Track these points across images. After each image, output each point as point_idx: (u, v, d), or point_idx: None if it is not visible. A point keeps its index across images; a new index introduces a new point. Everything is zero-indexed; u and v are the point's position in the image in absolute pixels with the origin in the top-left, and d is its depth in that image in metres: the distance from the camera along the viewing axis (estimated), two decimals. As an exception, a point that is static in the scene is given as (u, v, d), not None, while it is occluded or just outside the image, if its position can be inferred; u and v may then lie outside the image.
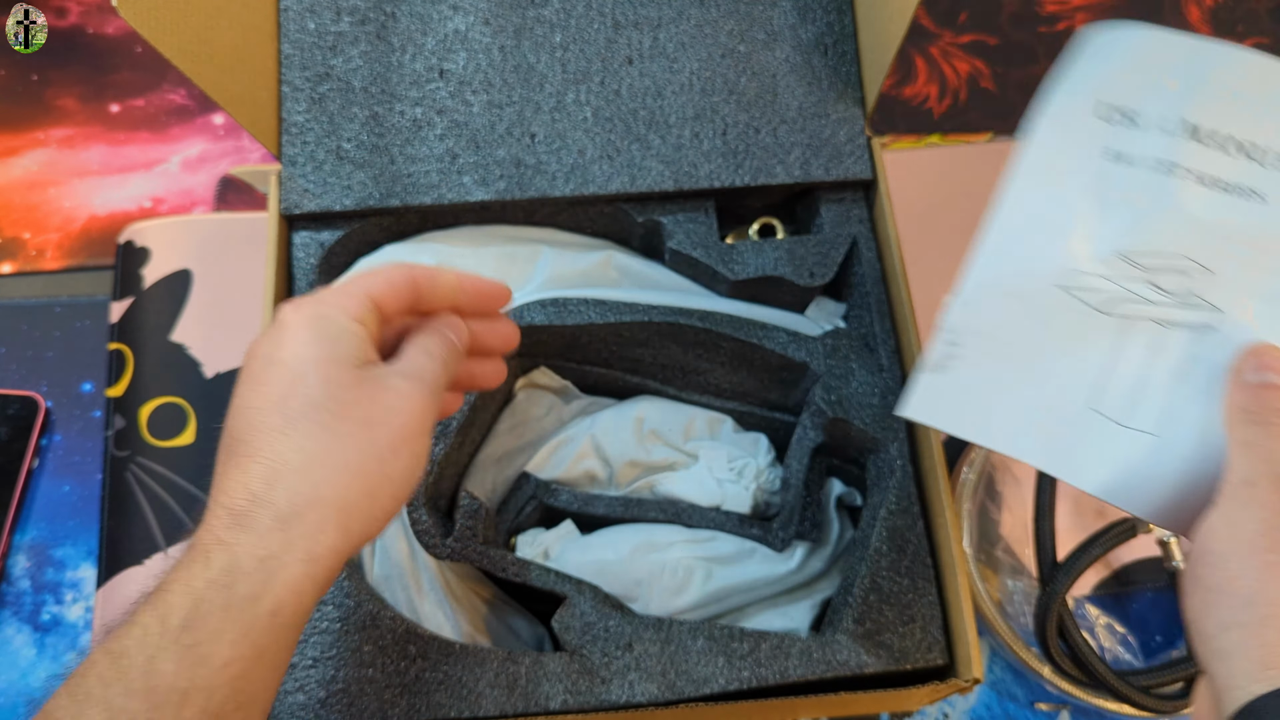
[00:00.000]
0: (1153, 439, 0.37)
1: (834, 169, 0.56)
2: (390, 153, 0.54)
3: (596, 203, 0.56)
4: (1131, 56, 0.37)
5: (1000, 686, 0.59)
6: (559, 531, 0.53)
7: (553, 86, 0.56)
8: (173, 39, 0.46)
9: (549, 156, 0.55)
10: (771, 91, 0.57)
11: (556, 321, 0.52)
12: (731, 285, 0.55)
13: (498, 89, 0.56)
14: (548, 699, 0.45)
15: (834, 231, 0.56)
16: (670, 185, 0.55)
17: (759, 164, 0.56)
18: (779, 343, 0.53)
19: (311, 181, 0.54)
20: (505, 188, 0.55)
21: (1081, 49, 0.37)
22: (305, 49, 0.55)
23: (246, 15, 0.52)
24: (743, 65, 0.57)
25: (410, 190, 0.54)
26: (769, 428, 0.58)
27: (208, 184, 0.71)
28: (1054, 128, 0.38)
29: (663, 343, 0.55)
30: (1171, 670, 0.54)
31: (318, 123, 0.54)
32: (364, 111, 0.55)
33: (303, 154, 0.54)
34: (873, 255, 0.56)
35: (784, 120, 0.57)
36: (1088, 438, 0.38)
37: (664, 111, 0.56)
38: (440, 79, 0.55)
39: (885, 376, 0.53)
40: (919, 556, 0.49)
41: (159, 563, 0.60)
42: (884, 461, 0.51)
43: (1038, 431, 0.38)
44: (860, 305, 0.56)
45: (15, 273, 0.68)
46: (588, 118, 0.56)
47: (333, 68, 0.55)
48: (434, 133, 0.55)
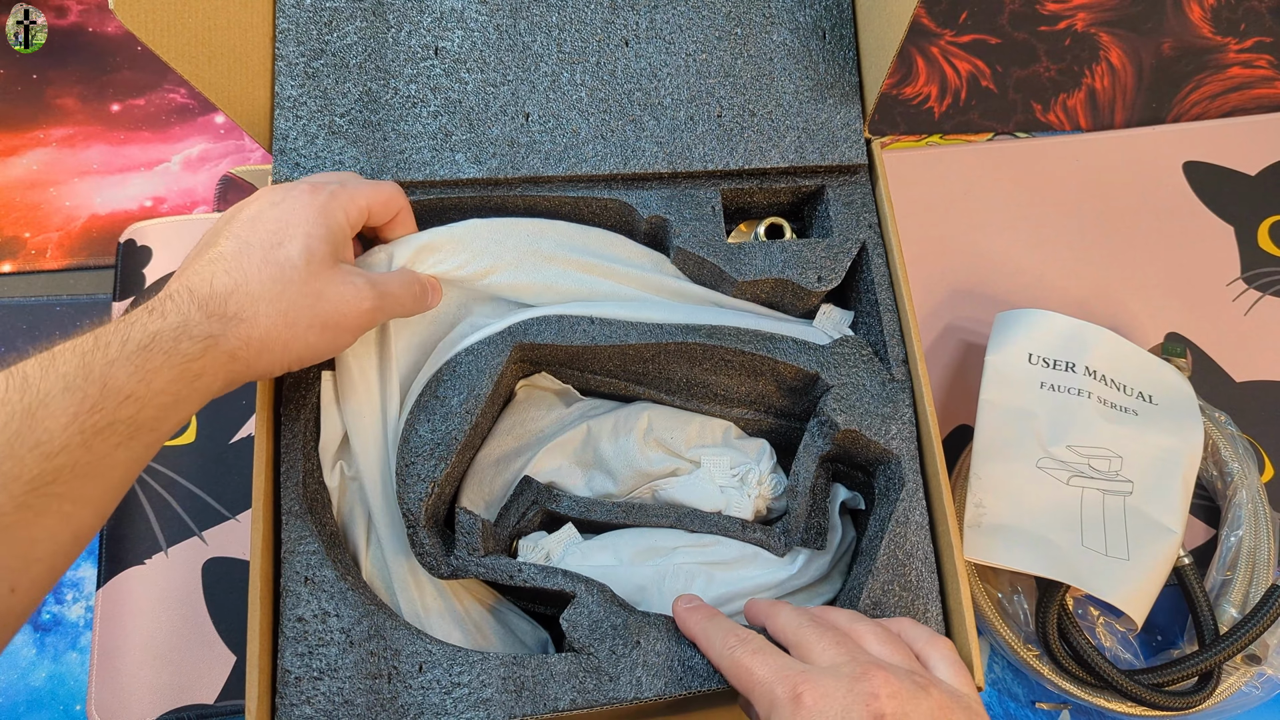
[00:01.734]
0: (1125, 561, 0.54)
1: (829, 154, 0.56)
2: (384, 129, 0.54)
3: (591, 183, 0.55)
4: (1046, 326, 0.60)
5: (1001, 686, 0.59)
6: (560, 535, 0.53)
7: (548, 66, 0.56)
8: (170, 41, 0.47)
9: (543, 136, 0.55)
10: (768, 75, 0.57)
11: (560, 341, 0.52)
12: (737, 287, 0.55)
13: (493, 68, 0.56)
14: (556, 699, 0.45)
15: (843, 235, 0.55)
16: (664, 167, 0.55)
17: (754, 147, 0.56)
18: (788, 354, 0.53)
19: (304, 155, 0.54)
20: (498, 165, 0.54)
21: (1010, 321, 0.60)
22: (301, 24, 0.55)
23: (244, 15, 0.52)
24: (739, 48, 0.57)
25: (403, 166, 0.54)
26: (774, 433, 0.58)
27: (209, 183, 0.71)
28: (1002, 367, 0.59)
29: (669, 360, 0.54)
30: (1179, 667, 0.54)
31: (311, 97, 0.54)
32: (358, 88, 0.55)
33: (295, 128, 0.54)
34: (881, 260, 0.55)
35: (779, 104, 0.56)
36: (1084, 561, 0.54)
37: (659, 93, 0.56)
38: (435, 56, 0.55)
39: (895, 387, 0.52)
40: (924, 569, 0.49)
41: (160, 562, 0.60)
42: (893, 473, 0.51)
43: (1052, 558, 0.54)
44: (869, 313, 0.55)
45: (16, 272, 0.68)
46: (582, 98, 0.56)
47: (328, 43, 0.55)
48: (428, 110, 0.55)
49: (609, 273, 0.54)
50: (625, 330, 0.52)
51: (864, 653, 0.41)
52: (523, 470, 0.54)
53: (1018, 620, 0.57)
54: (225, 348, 0.40)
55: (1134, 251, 0.71)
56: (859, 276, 0.56)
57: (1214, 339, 0.68)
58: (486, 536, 0.50)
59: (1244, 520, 0.58)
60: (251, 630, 0.44)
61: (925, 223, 0.71)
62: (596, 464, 0.55)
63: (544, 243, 0.53)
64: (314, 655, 0.46)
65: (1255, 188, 0.73)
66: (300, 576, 0.47)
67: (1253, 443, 0.64)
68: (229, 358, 0.41)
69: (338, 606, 0.47)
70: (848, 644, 0.41)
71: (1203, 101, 0.76)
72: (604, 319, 0.52)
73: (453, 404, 0.50)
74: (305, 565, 0.47)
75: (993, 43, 0.78)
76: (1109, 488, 0.56)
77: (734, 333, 0.53)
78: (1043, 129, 0.75)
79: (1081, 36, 0.79)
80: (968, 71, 0.77)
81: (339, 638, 0.46)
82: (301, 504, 0.48)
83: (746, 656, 0.41)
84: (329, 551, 0.48)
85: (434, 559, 0.48)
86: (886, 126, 0.75)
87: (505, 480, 0.54)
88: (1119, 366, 0.59)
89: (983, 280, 0.69)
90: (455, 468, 0.50)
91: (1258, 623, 0.53)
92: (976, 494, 0.55)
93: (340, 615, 0.47)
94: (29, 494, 0.34)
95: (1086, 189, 0.73)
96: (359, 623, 0.46)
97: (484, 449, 0.55)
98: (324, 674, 0.46)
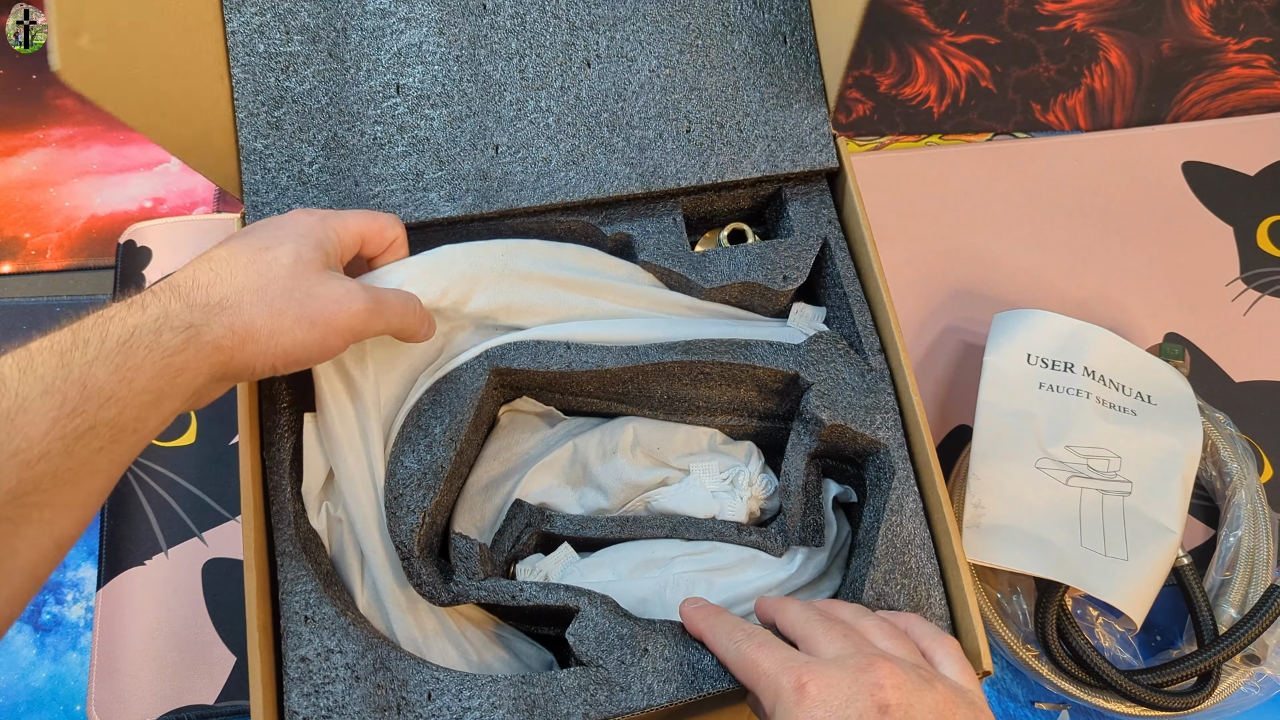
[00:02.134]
0: (1124, 562, 0.55)
1: (800, 160, 0.56)
2: (354, 174, 0.53)
3: (566, 211, 0.55)
4: (1045, 327, 0.60)
5: (1000, 685, 0.59)
6: (557, 556, 0.53)
7: (512, 95, 0.55)
8: (119, 96, 0.44)
9: (515, 166, 0.54)
10: (733, 85, 0.56)
11: (538, 367, 0.52)
12: (705, 294, 0.55)
13: (457, 101, 0.55)
14: (569, 715, 0.45)
15: (804, 234, 0.56)
16: (638, 188, 0.55)
17: (725, 160, 0.56)
18: (764, 358, 0.53)
19: (275, 209, 0.52)
20: (473, 202, 0.54)
21: (1008, 321, 0.60)
22: (257, 73, 0.53)
23: (194, 58, 0.51)
24: (701, 60, 0.57)
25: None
26: (761, 436, 0.58)
27: (208, 184, 0.71)
28: (1001, 368, 0.59)
29: (648, 380, 0.54)
30: (1179, 667, 0.54)
31: (277, 148, 0.53)
32: (323, 133, 0.53)
33: (264, 181, 0.53)
34: (845, 254, 0.55)
35: (747, 114, 0.56)
36: (1083, 561, 0.54)
37: (626, 113, 0.56)
38: (398, 94, 0.54)
39: (874, 376, 0.53)
40: (923, 555, 0.49)
41: (160, 563, 0.60)
42: (882, 462, 0.51)
43: (1052, 559, 0.54)
44: (839, 306, 0.56)
45: (15, 272, 0.68)
46: (550, 125, 0.55)
47: (288, 90, 0.53)
48: (396, 150, 0.54)
49: (586, 286, 0.54)
50: (601, 355, 0.52)
51: (870, 645, 0.41)
52: (513, 493, 0.54)
53: (1017, 620, 0.57)
54: (208, 338, 0.39)
55: (1133, 252, 0.71)
56: (825, 272, 0.56)
57: (1213, 339, 0.68)
58: (484, 560, 0.50)
59: (1243, 520, 0.58)
60: (253, 674, 0.44)
61: (925, 223, 0.71)
62: (586, 480, 0.55)
63: (519, 261, 0.52)
64: (320, 694, 0.45)
65: (1254, 188, 0.73)
66: (300, 616, 0.47)
67: (1252, 443, 0.64)
68: (213, 348, 0.39)
69: (340, 642, 0.46)
70: (854, 637, 0.41)
71: (1202, 102, 0.76)
72: (580, 343, 0.52)
73: (435, 433, 0.50)
74: (304, 604, 0.47)
75: (992, 43, 0.78)
76: (1108, 488, 0.56)
77: (709, 345, 0.53)
78: (1042, 129, 0.75)
79: (1081, 37, 0.79)
80: (967, 72, 0.77)
81: (344, 674, 0.46)
82: (295, 544, 0.48)
83: (752, 650, 0.41)
84: (326, 589, 0.47)
85: (433, 588, 0.48)
86: (885, 126, 0.75)
87: (496, 505, 0.54)
88: (1118, 366, 0.59)
89: (982, 280, 0.69)
90: (445, 496, 0.50)
91: (1257, 623, 0.53)
92: (976, 494, 0.55)
93: (344, 651, 0.46)
94: (8, 505, 0.33)
95: (1086, 189, 0.73)
96: (363, 657, 0.46)
97: (472, 476, 0.55)
98: (332, 712, 0.45)
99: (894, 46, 0.77)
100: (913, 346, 0.67)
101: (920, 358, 0.67)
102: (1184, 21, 0.80)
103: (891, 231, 0.70)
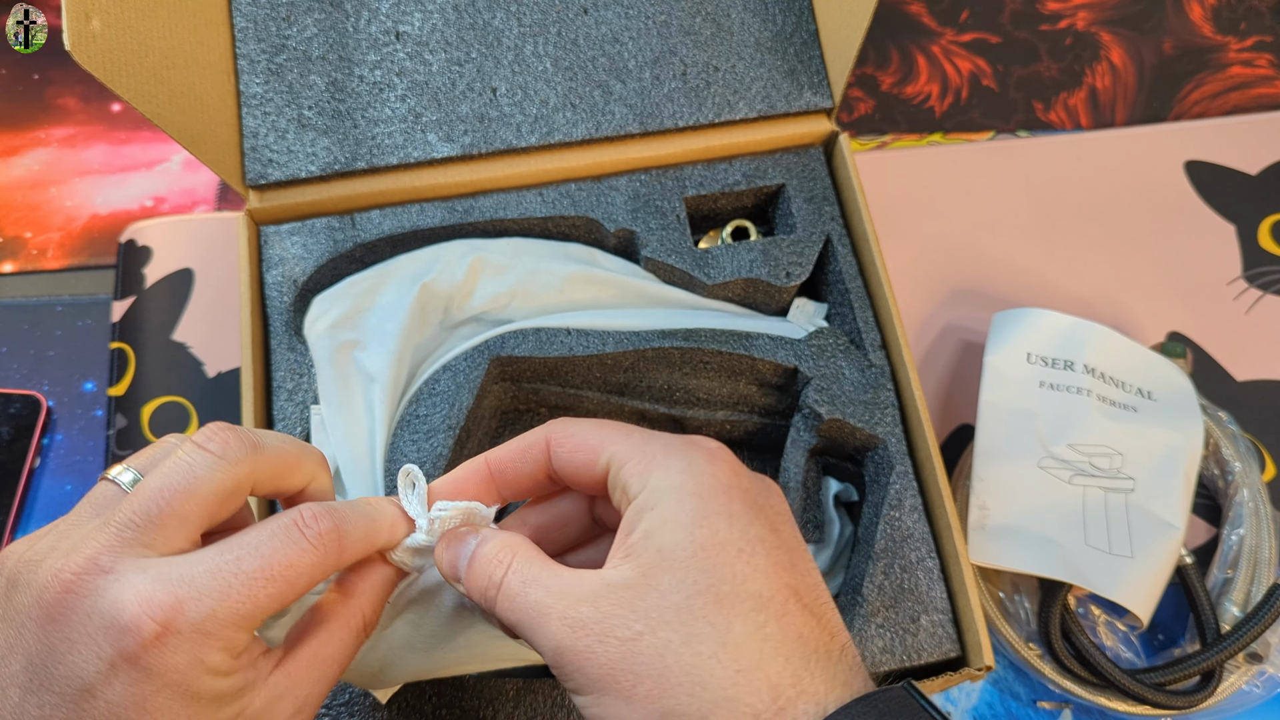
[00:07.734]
0: (1129, 559, 0.54)
1: (795, 101, 0.57)
2: (353, 117, 0.55)
3: (568, 149, 0.56)
4: (1043, 325, 0.59)
5: (1002, 684, 0.59)
6: None
7: (510, 41, 0.57)
8: (129, 81, 0.46)
9: (512, 109, 0.56)
10: (727, 30, 0.58)
11: (538, 353, 0.52)
12: (708, 290, 0.55)
13: (455, 47, 0.56)
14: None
15: (807, 230, 0.56)
16: (635, 128, 0.56)
17: (721, 101, 0.57)
18: (765, 350, 0.53)
19: (275, 150, 0.54)
20: (471, 142, 0.55)
21: (1007, 321, 0.60)
22: (259, 21, 0.55)
23: (202, 54, 0.52)
24: (697, 6, 0.58)
25: (375, 152, 0.54)
26: (761, 433, 0.58)
27: (209, 183, 0.71)
28: (1002, 368, 0.58)
29: (648, 367, 0.54)
30: (1181, 666, 0.54)
31: (277, 93, 0.55)
32: (323, 79, 0.55)
33: (264, 124, 0.54)
34: (847, 251, 0.56)
35: (741, 57, 0.58)
36: (1088, 560, 0.54)
37: (622, 57, 0.57)
38: (397, 41, 0.56)
39: (875, 372, 0.53)
40: (924, 551, 0.49)
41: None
42: (882, 458, 0.51)
43: (1058, 559, 0.54)
44: (841, 303, 0.56)
45: (17, 272, 0.68)
46: (548, 68, 0.57)
47: (288, 38, 0.55)
48: (395, 94, 0.55)
49: (589, 280, 0.54)
50: (602, 339, 0.52)
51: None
52: None
53: (1019, 620, 0.57)
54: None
55: (1135, 250, 0.71)
56: (828, 268, 0.57)
57: (1215, 338, 0.68)
58: None
59: (1245, 519, 0.58)
60: None
61: (926, 222, 0.71)
62: None
63: (524, 257, 0.53)
64: None
65: (1256, 187, 0.73)
66: None
67: (1254, 441, 0.64)
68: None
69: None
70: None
71: (1204, 100, 0.76)
72: (581, 329, 0.53)
73: (434, 421, 0.50)
74: None
75: (994, 42, 0.78)
76: (1111, 485, 0.56)
77: (710, 334, 0.53)
78: (1044, 128, 0.75)
79: (1082, 36, 0.79)
80: (969, 70, 0.77)
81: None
82: None
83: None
84: None
85: None
86: (887, 125, 0.75)
87: None
88: (1117, 363, 0.59)
89: (984, 280, 0.69)
90: None
91: (1259, 621, 0.53)
92: (980, 496, 0.55)
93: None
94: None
95: (1088, 188, 0.72)
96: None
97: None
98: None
99: (896, 46, 0.77)
100: (915, 345, 0.67)
101: (922, 356, 0.67)
102: (1185, 21, 0.80)
103: (893, 230, 0.70)
